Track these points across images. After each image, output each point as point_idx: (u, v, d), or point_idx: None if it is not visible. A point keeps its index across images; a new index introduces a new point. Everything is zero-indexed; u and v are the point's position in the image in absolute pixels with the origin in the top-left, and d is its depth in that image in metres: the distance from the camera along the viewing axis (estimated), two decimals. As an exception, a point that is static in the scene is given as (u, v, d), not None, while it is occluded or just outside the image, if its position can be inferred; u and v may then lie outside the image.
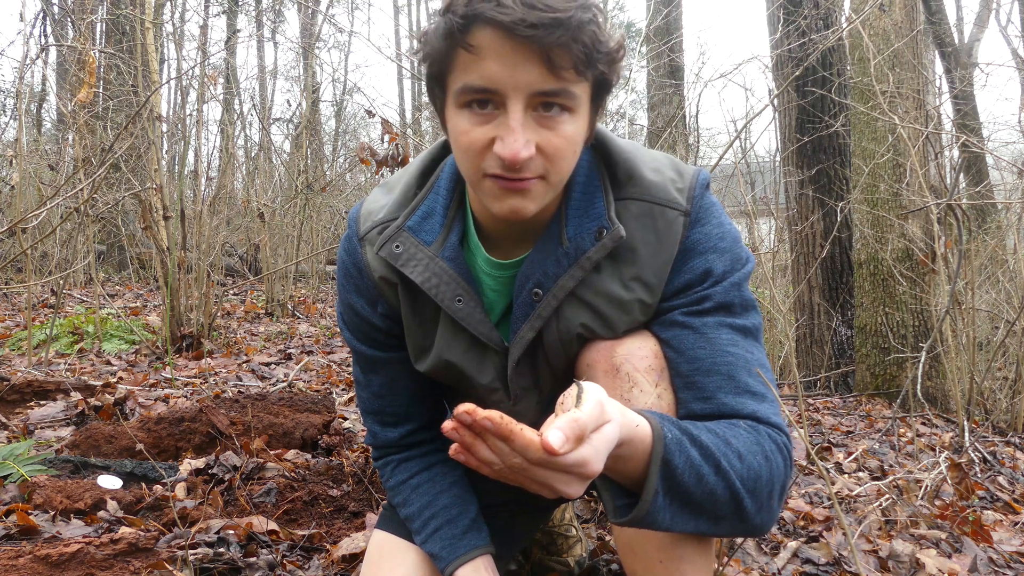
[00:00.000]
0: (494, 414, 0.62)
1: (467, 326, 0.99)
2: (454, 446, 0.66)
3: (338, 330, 1.30)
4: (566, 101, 0.82)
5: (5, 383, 2.28)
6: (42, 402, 2.30)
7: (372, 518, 1.55)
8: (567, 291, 0.95)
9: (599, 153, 0.99)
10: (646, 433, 0.76)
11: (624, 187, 0.97)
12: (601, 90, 0.88)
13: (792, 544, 1.64)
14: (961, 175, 6.61)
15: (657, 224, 0.95)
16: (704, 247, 0.96)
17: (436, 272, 0.98)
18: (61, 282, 4.53)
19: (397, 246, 0.99)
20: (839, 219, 4.71)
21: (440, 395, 1.19)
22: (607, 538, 1.60)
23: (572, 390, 0.69)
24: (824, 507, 1.91)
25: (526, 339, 0.98)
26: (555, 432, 0.61)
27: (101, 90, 5.49)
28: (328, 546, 1.46)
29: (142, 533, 1.31)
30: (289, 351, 3.94)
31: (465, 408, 0.62)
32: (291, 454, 1.93)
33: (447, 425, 0.64)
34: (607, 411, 0.68)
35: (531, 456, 0.63)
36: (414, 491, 1.12)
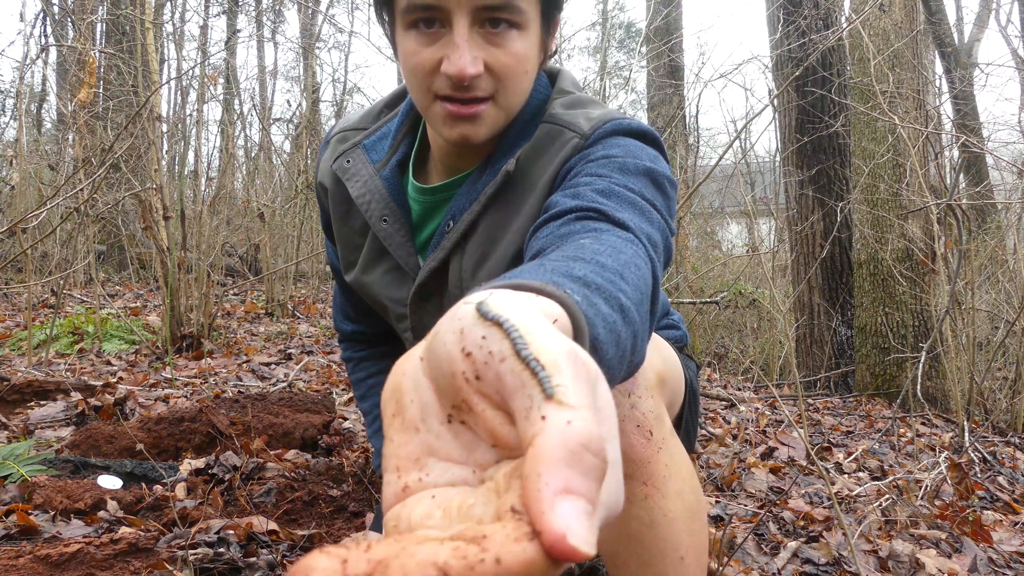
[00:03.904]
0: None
1: (388, 247, 1.02)
2: None
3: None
4: (512, 16, 0.81)
5: (5, 383, 2.28)
6: (42, 402, 2.30)
7: (372, 518, 1.55)
8: (467, 224, 0.95)
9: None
10: (567, 321, 0.43)
11: (542, 119, 0.96)
12: (550, 7, 0.86)
13: (792, 544, 1.64)
14: (961, 175, 6.61)
15: (554, 144, 0.92)
16: (592, 156, 0.85)
17: (371, 189, 1.01)
18: (61, 282, 4.52)
19: (348, 161, 1.03)
20: (839, 219, 4.71)
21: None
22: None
23: (512, 361, 0.33)
24: (824, 507, 1.91)
25: (429, 267, 0.99)
26: (567, 523, 0.27)
27: (101, 90, 5.49)
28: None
29: (142, 533, 1.31)
30: (289, 351, 3.94)
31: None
32: (291, 454, 1.93)
33: None
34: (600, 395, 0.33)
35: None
36: (370, 389, 1.25)
